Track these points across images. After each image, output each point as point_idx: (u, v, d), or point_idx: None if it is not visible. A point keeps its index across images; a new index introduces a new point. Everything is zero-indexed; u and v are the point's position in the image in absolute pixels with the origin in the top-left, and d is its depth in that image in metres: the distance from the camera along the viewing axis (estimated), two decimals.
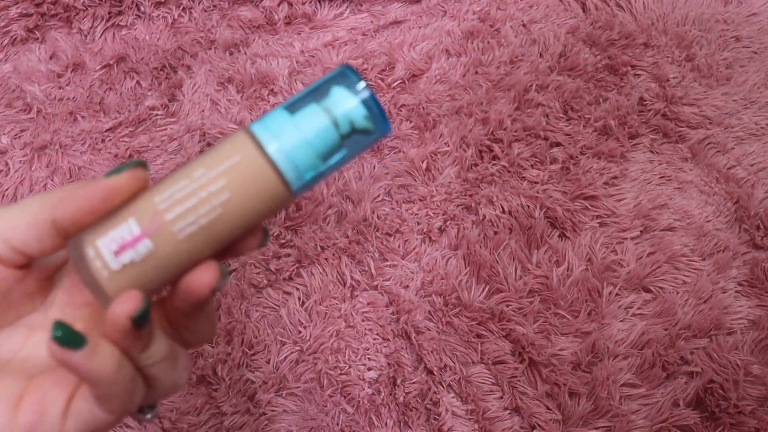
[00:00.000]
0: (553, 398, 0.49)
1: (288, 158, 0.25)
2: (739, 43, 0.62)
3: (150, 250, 0.25)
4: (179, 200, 0.25)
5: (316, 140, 0.26)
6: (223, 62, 0.61)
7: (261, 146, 0.25)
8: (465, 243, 0.54)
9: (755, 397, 0.49)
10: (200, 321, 0.28)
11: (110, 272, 0.25)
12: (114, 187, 0.25)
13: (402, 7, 0.66)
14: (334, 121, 0.26)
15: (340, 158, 0.27)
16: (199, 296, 0.25)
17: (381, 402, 0.49)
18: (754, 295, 0.52)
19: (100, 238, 0.25)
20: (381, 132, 0.27)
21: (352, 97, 0.26)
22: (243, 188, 0.25)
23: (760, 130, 0.59)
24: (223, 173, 0.25)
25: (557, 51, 0.62)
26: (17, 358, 0.27)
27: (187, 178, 0.25)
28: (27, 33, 0.62)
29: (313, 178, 0.26)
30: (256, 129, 0.26)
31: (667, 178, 0.57)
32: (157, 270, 0.25)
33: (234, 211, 0.25)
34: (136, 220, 0.25)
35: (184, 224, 0.25)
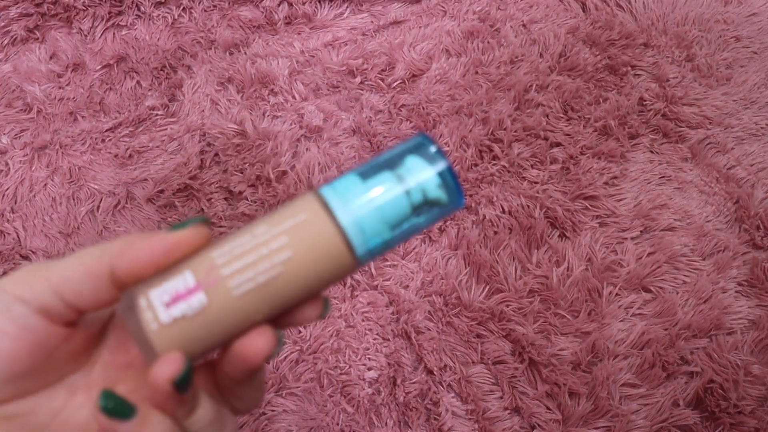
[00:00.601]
0: (553, 398, 0.49)
1: (354, 221, 0.24)
2: (739, 43, 0.62)
3: (203, 305, 0.24)
4: (238, 255, 0.24)
5: (385, 207, 0.25)
6: (223, 62, 0.61)
7: (328, 207, 0.24)
8: (465, 243, 0.54)
9: (755, 397, 0.48)
10: (250, 388, 0.27)
11: (160, 325, 0.24)
12: (177, 241, 0.24)
13: (402, 7, 0.66)
14: (406, 190, 0.25)
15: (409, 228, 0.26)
16: (252, 363, 0.24)
17: (381, 402, 0.49)
18: (754, 295, 0.52)
19: (153, 289, 0.24)
20: (454, 205, 0.26)
21: (427, 168, 0.25)
22: (305, 248, 0.24)
23: (760, 130, 0.59)
24: (286, 231, 0.24)
25: (557, 51, 0.62)
26: (56, 422, 0.26)
27: (249, 234, 0.24)
28: (27, 33, 0.62)
29: (378, 245, 0.25)
30: (324, 191, 0.25)
31: (667, 178, 0.57)
32: (208, 327, 0.24)
33: (294, 272, 0.24)
34: (192, 272, 0.24)
35: (241, 280, 0.24)
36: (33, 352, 0.24)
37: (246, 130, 0.58)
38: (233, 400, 0.27)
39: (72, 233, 0.54)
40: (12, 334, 0.24)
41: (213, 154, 0.57)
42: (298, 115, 0.59)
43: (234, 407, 0.27)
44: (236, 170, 0.56)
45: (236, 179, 0.56)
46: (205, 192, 0.55)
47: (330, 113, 0.59)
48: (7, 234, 0.54)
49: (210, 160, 0.57)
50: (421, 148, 0.26)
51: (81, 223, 0.54)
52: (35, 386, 0.25)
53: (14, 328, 0.24)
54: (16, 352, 0.24)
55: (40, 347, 0.24)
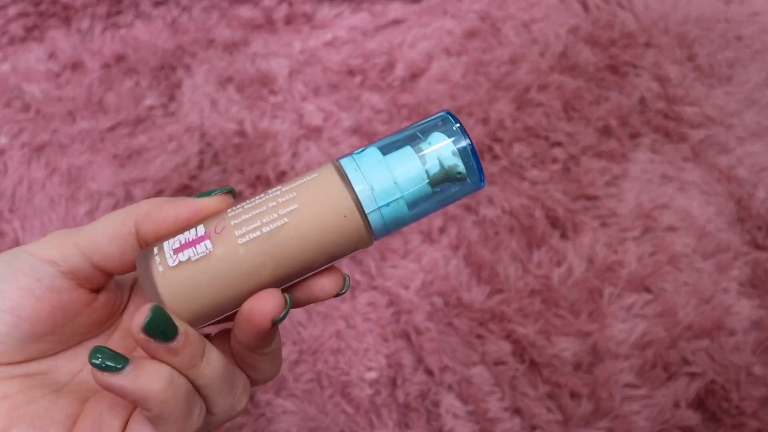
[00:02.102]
0: (554, 399, 0.49)
1: (366, 182, 0.24)
2: (740, 42, 0.62)
3: (208, 250, 0.24)
4: (248, 209, 0.25)
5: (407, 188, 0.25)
6: (223, 62, 0.61)
7: (341, 170, 0.24)
8: (465, 243, 0.54)
9: (757, 398, 0.48)
10: (264, 358, 0.27)
11: (165, 268, 0.24)
12: (202, 207, 0.25)
13: (402, 6, 0.65)
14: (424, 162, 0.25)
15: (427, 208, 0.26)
16: (259, 325, 0.24)
17: (381, 403, 0.49)
18: (756, 296, 0.52)
19: (168, 240, 0.25)
20: (474, 184, 0.26)
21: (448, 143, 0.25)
22: (311, 201, 0.24)
23: (761, 129, 0.58)
24: (295, 187, 0.24)
25: (558, 51, 0.61)
26: (74, 381, 0.26)
27: (263, 194, 0.25)
28: (26, 32, 0.61)
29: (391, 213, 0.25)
30: (344, 163, 0.25)
31: (669, 179, 0.56)
32: (211, 273, 0.24)
33: (299, 224, 0.24)
34: (204, 225, 0.25)
35: (246, 230, 0.24)
36: (55, 313, 0.25)
37: (245, 129, 0.58)
38: (249, 371, 0.27)
39: None
40: (36, 294, 0.24)
41: (212, 153, 0.57)
42: (298, 114, 0.59)
43: (252, 379, 0.27)
44: (236, 170, 0.56)
45: (236, 179, 0.56)
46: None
47: (330, 113, 0.59)
48: (6, 234, 0.54)
49: (209, 160, 0.57)
50: (444, 124, 0.26)
51: (80, 224, 0.54)
52: (55, 348, 0.26)
53: (39, 289, 0.24)
54: (39, 312, 0.24)
55: (63, 309, 0.25)
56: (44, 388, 0.25)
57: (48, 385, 0.25)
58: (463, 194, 0.26)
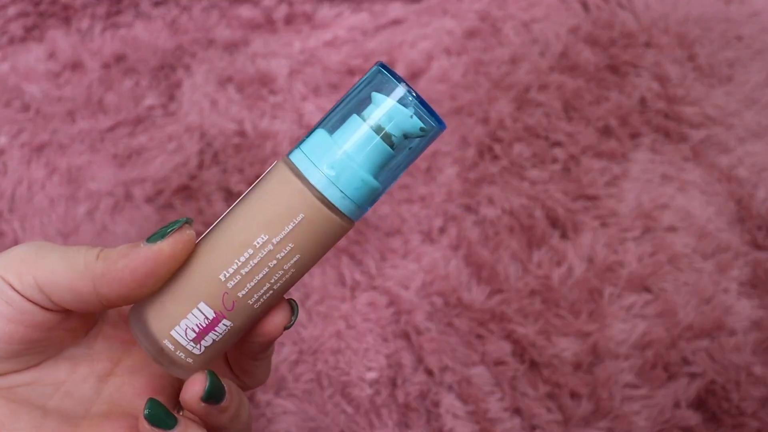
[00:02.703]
0: (554, 399, 0.49)
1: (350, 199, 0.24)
2: (741, 42, 0.62)
3: (229, 327, 0.24)
4: (248, 274, 0.24)
5: (370, 163, 0.24)
6: (223, 62, 0.61)
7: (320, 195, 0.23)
8: (465, 243, 0.54)
9: (757, 398, 0.48)
10: (262, 364, 0.27)
11: (194, 358, 0.24)
12: (158, 256, 0.23)
13: (402, 6, 0.65)
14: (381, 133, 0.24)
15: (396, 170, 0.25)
16: (273, 337, 0.25)
17: (381, 403, 0.49)
18: (756, 296, 0.52)
19: (173, 328, 0.24)
20: (436, 131, 0.25)
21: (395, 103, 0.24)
22: (312, 245, 0.24)
23: (762, 129, 0.58)
24: (288, 237, 0.23)
25: (558, 50, 0.61)
26: (59, 393, 0.26)
27: (249, 246, 0.23)
28: (25, 32, 0.61)
29: (373, 199, 0.25)
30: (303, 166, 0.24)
31: (669, 179, 0.56)
32: (236, 337, 0.25)
33: (304, 265, 0.25)
34: (206, 303, 0.24)
35: (258, 296, 0.24)
36: (29, 332, 0.24)
37: (245, 129, 0.58)
38: (244, 377, 0.28)
39: (70, 233, 0.54)
40: (7, 315, 0.24)
41: (212, 153, 0.57)
42: (298, 114, 0.59)
43: (244, 384, 0.28)
44: (236, 170, 0.56)
45: (236, 179, 0.56)
46: (204, 192, 0.55)
47: None
48: (6, 234, 0.54)
49: (209, 160, 0.57)
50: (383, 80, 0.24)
51: (79, 224, 0.54)
52: (34, 360, 0.26)
53: (9, 310, 0.24)
54: (12, 332, 0.24)
55: (36, 328, 0.24)
56: (29, 405, 0.25)
57: (33, 399, 0.25)
58: (427, 143, 0.25)
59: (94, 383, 0.26)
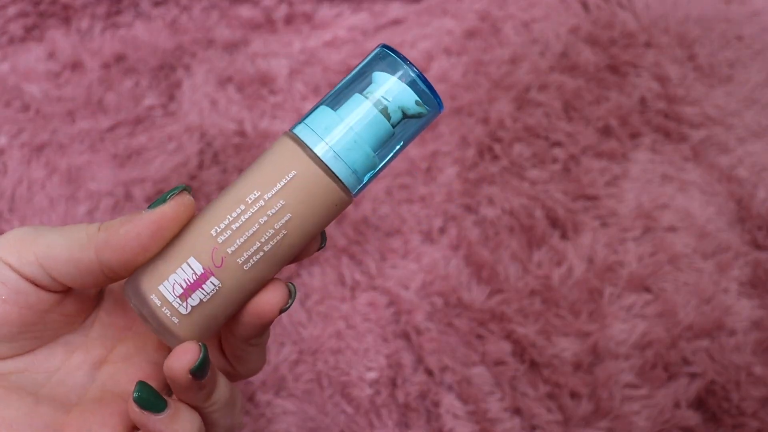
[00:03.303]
0: (554, 399, 0.49)
1: (345, 164, 0.24)
2: (741, 42, 0.62)
3: (217, 288, 0.24)
4: (238, 230, 0.24)
5: (368, 136, 0.24)
6: (223, 62, 0.61)
7: (315, 155, 0.24)
8: (465, 243, 0.54)
9: (757, 398, 0.48)
10: (255, 350, 0.27)
11: (180, 318, 0.24)
12: (161, 218, 0.23)
13: (402, 6, 0.65)
14: (383, 111, 0.24)
15: (395, 147, 0.26)
16: (268, 318, 0.25)
17: (381, 403, 0.49)
18: (756, 296, 0.52)
19: (161, 284, 0.24)
20: (435, 112, 0.25)
21: (398, 81, 0.24)
22: (304, 205, 0.24)
23: (762, 130, 0.58)
24: (280, 193, 0.24)
25: (558, 50, 0.61)
26: (53, 381, 0.26)
27: (241, 202, 0.24)
28: (25, 32, 0.61)
29: (371, 174, 0.25)
30: (302, 134, 0.24)
31: (669, 179, 0.56)
32: (226, 304, 0.24)
33: (297, 230, 0.24)
34: (195, 258, 0.24)
35: (248, 255, 0.24)
36: (24, 314, 0.24)
37: (245, 129, 0.58)
38: (237, 364, 0.27)
39: None
40: (2, 296, 0.24)
41: (212, 153, 0.57)
42: (298, 114, 0.59)
43: (237, 372, 0.27)
44: (236, 170, 0.56)
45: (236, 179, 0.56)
46: (204, 192, 0.55)
47: None
48: None
49: (209, 160, 0.57)
50: (386, 59, 0.25)
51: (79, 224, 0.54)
52: (29, 346, 0.25)
53: (5, 291, 0.24)
54: (7, 314, 0.24)
55: (32, 310, 0.24)
56: (21, 391, 0.25)
57: (26, 386, 0.25)
58: (426, 123, 0.26)
59: (87, 370, 0.26)
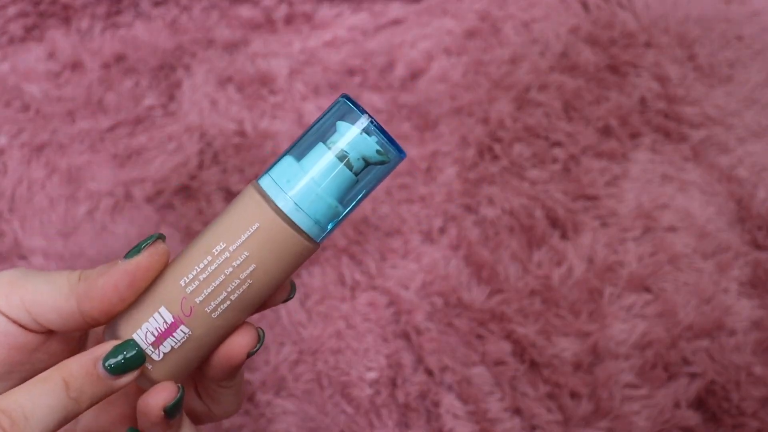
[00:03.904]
0: (554, 399, 0.49)
1: (307, 215, 0.25)
2: (741, 42, 0.62)
3: (187, 335, 0.25)
4: (205, 280, 0.25)
5: (331, 186, 0.25)
6: (223, 62, 0.61)
7: (278, 208, 0.25)
8: (465, 243, 0.54)
9: (757, 398, 0.48)
10: (229, 392, 0.28)
11: (154, 364, 0.25)
12: (137, 269, 0.25)
13: (402, 6, 0.65)
14: (345, 161, 0.25)
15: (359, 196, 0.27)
16: (236, 361, 0.26)
17: (381, 403, 0.49)
18: (756, 296, 0.52)
19: (135, 332, 0.25)
20: (396, 159, 0.27)
21: (358, 132, 0.25)
22: (267, 256, 0.25)
23: (762, 130, 0.58)
24: (244, 245, 0.25)
25: (558, 50, 0.61)
26: None
27: (208, 254, 0.25)
28: (25, 32, 0.61)
29: (335, 223, 0.26)
30: (265, 185, 0.25)
31: (669, 179, 0.56)
32: (197, 350, 0.26)
33: (262, 279, 0.25)
34: (166, 307, 0.25)
35: (215, 304, 0.25)
36: (11, 354, 0.25)
37: (245, 129, 0.58)
38: (212, 405, 0.28)
39: (70, 233, 0.54)
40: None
41: (212, 153, 0.57)
42: (298, 114, 0.59)
43: (213, 413, 0.29)
44: (236, 170, 0.56)
45: (235, 179, 0.56)
46: (204, 192, 0.55)
47: None
48: (5, 234, 0.54)
49: (209, 160, 0.57)
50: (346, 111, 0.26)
51: (79, 224, 0.54)
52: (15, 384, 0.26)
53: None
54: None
55: (18, 350, 0.25)
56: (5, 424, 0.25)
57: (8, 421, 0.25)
58: (388, 170, 0.27)
59: None
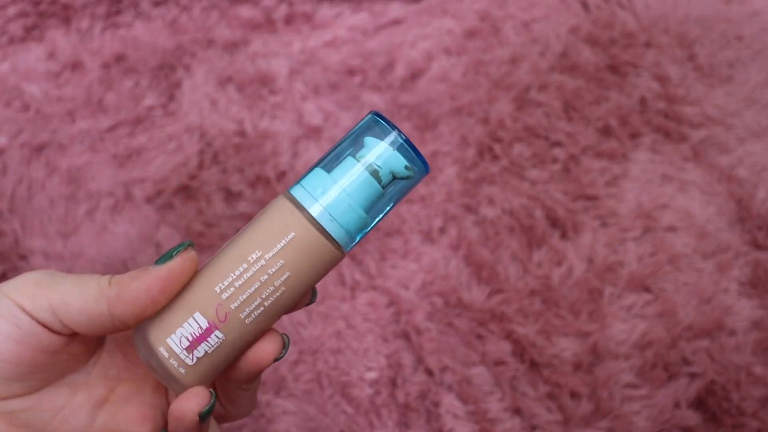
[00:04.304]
0: (554, 399, 0.49)
1: (339, 225, 0.26)
2: (741, 42, 0.62)
3: (221, 340, 0.25)
4: (241, 287, 0.25)
5: (360, 197, 0.27)
6: (223, 62, 0.61)
7: (312, 218, 0.26)
8: (465, 243, 0.54)
9: (757, 398, 0.48)
10: (248, 394, 0.28)
11: (187, 368, 0.26)
12: (169, 274, 0.25)
13: (402, 6, 0.65)
14: (374, 174, 0.27)
15: (386, 208, 0.28)
16: (263, 366, 0.26)
17: (381, 403, 0.49)
18: (756, 296, 0.52)
19: (169, 336, 0.26)
20: (421, 174, 0.28)
21: (388, 147, 0.27)
22: (302, 265, 0.26)
23: (762, 130, 0.58)
24: (280, 253, 0.26)
25: (558, 50, 0.61)
26: (57, 419, 0.27)
27: (244, 261, 0.26)
28: (25, 32, 0.61)
29: (362, 234, 0.27)
30: (300, 196, 0.26)
31: (669, 179, 0.56)
32: (228, 354, 0.26)
33: (295, 287, 0.26)
34: (201, 313, 0.25)
35: (249, 310, 0.26)
36: (35, 355, 0.26)
37: (245, 129, 0.58)
38: (229, 406, 0.29)
39: (70, 234, 0.54)
40: (16, 337, 0.25)
41: (212, 153, 0.57)
42: (298, 114, 0.59)
43: (229, 414, 0.29)
44: (236, 170, 0.56)
45: (236, 179, 0.56)
46: (204, 192, 0.55)
47: (330, 113, 0.59)
48: (6, 234, 0.54)
49: (209, 160, 0.57)
50: (377, 126, 0.27)
51: (80, 224, 0.54)
52: (37, 385, 0.27)
53: (18, 333, 0.25)
54: (20, 354, 0.25)
55: (42, 351, 0.26)
56: (29, 429, 0.26)
57: (32, 424, 0.26)
58: (413, 184, 0.28)
59: (90, 410, 0.28)
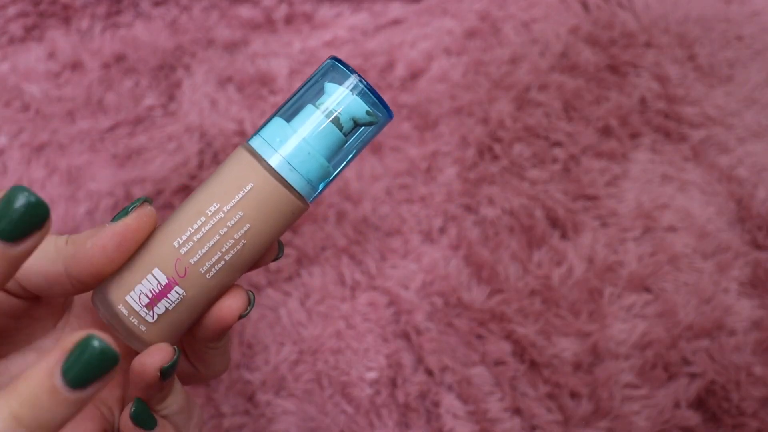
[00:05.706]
0: (554, 399, 0.49)
1: (299, 174, 0.25)
2: (741, 42, 0.62)
3: (182, 296, 0.25)
4: (200, 241, 0.25)
5: (321, 146, 0.26)
6: (223, 61, 0.61)
7: (270, 167, 0.25)
8: (465, 243, 0.54)
9: (757, 398, 0.48)
10: (217, 353, 0.28)
11: (147, 326, 0.25)
12: (125, 230, 0.24)
13: (402, 6, 0.65)
14: (335, 121, 0.26)
15: (348, 156, 0.27)
16: (228, 323, 0.26)
17: (381, 403, 0.49)
18: (756, 296, 0.52)
19: (128, 294, 0.25)
20: (385, 119, 0.27)
21: (348, 92, 0.26)
22: (262, 216, 0.25)
23: (762, 130, 0.58)
24: (238, 205, 0.25)
25: (558, 50, 0.61)
26: None
27: (202, 214, 0.25)
28: (25, 32, 0.61)
29: (325, 183, 0.26)
30: (258, 146, 0.26)
31: (669, 179, 0.56)
32: (190, 311, 0.25)
33: (256, 239, 0.25)
34: (160, 269, 0.25)
35: (210, 264, 0.25)
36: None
37: (245, 129, 0.58)
38: (200, 365, 0.28)
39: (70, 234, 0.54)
40: None
41: (212, 153, 0.57)
42: None
43: (201, 374, 0.29)
44: None
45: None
46: None
47: None
48: None
49: (209, 160, 0.57)
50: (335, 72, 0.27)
51: (80, 224, 0.54)
52: (2, 350, 0.26)
53: None
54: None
55: (4, 315, 0.25)
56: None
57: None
58: (377, 131, 0.27)
59: None
